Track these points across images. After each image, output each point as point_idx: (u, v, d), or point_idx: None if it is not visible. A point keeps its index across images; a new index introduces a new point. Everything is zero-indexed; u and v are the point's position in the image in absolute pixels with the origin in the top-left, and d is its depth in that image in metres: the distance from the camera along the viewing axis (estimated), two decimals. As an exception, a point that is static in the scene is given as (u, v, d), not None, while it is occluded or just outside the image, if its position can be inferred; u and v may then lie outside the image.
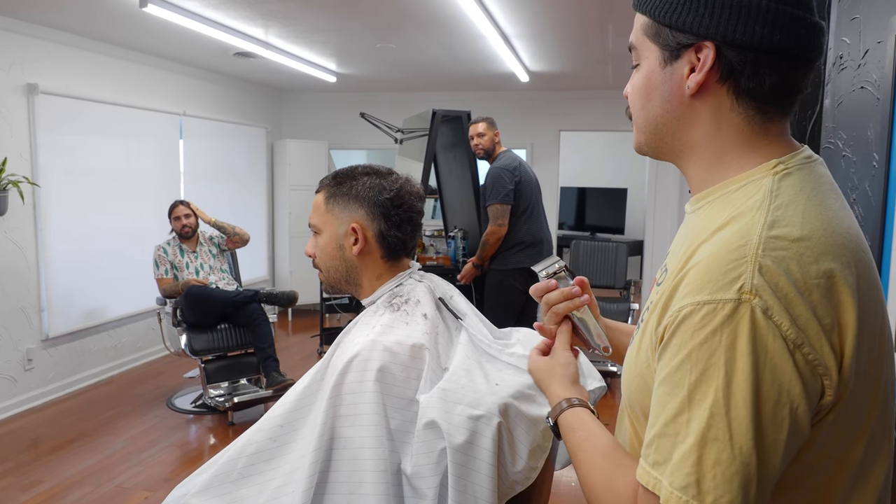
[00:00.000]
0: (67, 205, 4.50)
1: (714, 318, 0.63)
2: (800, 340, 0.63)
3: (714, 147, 0.76)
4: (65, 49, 4.48)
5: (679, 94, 0.75)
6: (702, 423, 0.63)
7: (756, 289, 0.63)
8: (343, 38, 4.64)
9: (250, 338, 4.22)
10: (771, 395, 0.62)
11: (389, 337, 1.17)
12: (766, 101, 0.73)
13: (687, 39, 0.73)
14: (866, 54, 1.49)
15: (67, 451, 3.57)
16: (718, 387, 0.63)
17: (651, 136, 0.80)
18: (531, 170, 4.08)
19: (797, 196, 0.70)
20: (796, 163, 0.73)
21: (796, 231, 0.67)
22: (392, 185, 1.30)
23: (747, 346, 0.62)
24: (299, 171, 6.87)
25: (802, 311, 0.63)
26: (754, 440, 0.62)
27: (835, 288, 0.65)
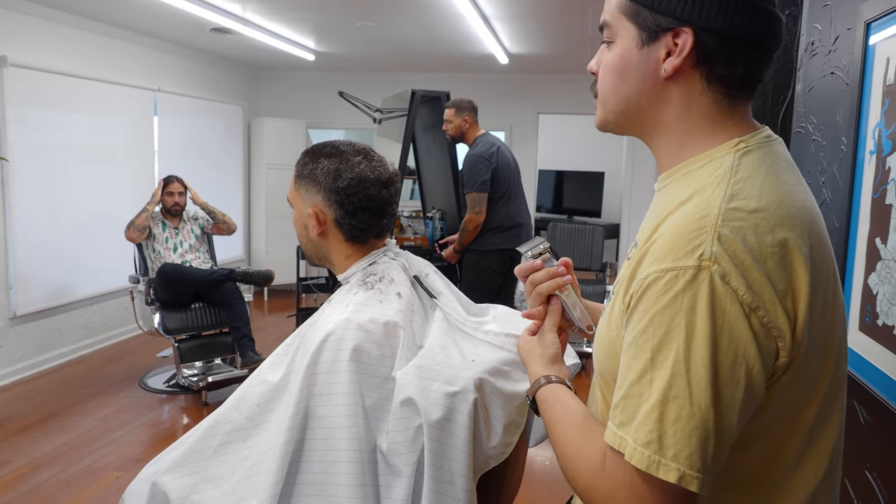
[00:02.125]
0: (37, 180, 4.40)
1: (676, 284, 0.67)
2: (755, 304, 0.66)
3: (683, 127, 0.79)
4: (36, 21, 4.36)
5: (654, 76, 0.77)
6: (663, 383, 0.66)
7: (715, 256, 0.66)
8: (322, 16, 4.58)
9: (225, 317, 4.18)
10: (728, 355, 0.66)
11: (363, 315, 1.16)
12: (735, 86, 0.77)
13: (667, 23, 0.75)
14: (836, 41, 1.52)
15: (36, 431, 3.53)
16: (679, 348, 0.66)
17: (620, 115, 0.82)
18: (510, 152, 4.08)
19: (755, 171, 0.74)
20: (756, 141, 0.77)
21: (753, 203, 0.70)
22: (348, 172, 1.25)
23: (706, 310, 0.66)
24: (276, 149, 6.79)
25: (758, 277, 0.67)
26: (712, 398, 0.65)
27: (789, 256, 0.69)
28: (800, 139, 1.75)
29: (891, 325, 1.16)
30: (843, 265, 1.38)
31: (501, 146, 4.01)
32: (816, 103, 1.64)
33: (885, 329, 1.18)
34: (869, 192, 1.28)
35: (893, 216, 1.17)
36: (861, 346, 1.29)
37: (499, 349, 1.22)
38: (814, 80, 1.66)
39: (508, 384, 1.15)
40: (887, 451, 1.20)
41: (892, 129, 1.20)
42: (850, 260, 1.35)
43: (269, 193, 6.82)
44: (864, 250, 1.29)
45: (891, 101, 1.21)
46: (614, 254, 7.46)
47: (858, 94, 1.34)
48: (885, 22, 1.25)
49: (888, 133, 1.21)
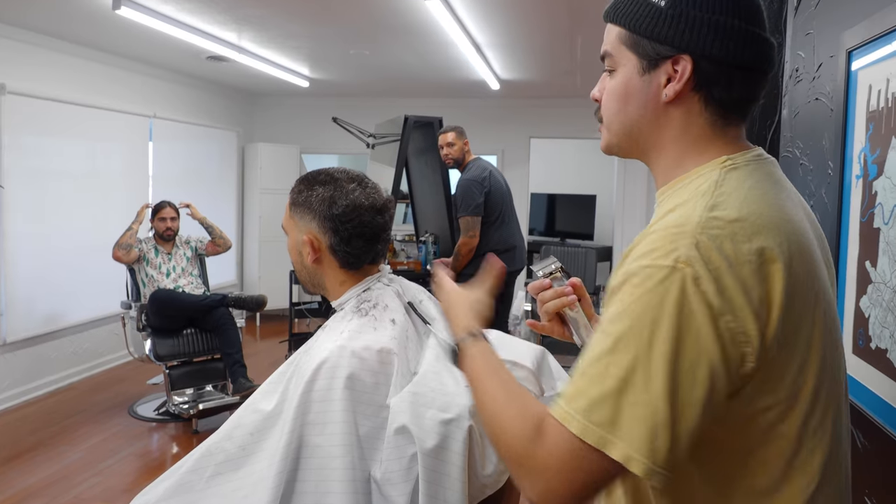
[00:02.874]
0: (31, 207, 4.39)
1: (650, 280, 0.70)
2: (723, 309, 0.69)
3: (679, 146, 0.83)
4: (34, 49, 4.39)
5: (655, 101, 0.81)
6: (623, 370, 0.69)
7: (690, 259, 0.69)
8: (316, 44, 4.63)
9: (217, 343, 4.15)
10: (690, 354, 0.68)
11: (357, 342, 1.16)
12: (731, 108, 0.81)
13: (666, 51, 0.79)
14: (820, 67, 1.54)
15: (23, 462, 3.48)
16: (643, 339, 0.69)
17: (624, 138, 0.86)
18: (502, 177, 4.10)
19: (739, 185, 0.77)
20: (744, 160, 0.80)
21: (734, 213, 0.73)
22: (343, 200, 1.25)
23: (674, 308, 0.68)
24: (270, 174, 6.81)
25: (730, 283, 0.69)
26: (668, 392, 0.68)
27: (766, 265, 0.71)
28: (787, 163, 1.77)
29: (884, 349, 1.17)
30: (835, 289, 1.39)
31: (493, 170, 4.04)
32: (803, 128, 1.66)
33: (878, 352, 1.19)
34: (857, 215, 1.30)
35: (882, 239, 1.18)
36: (855, 370, 1.29)
37: None
38: (799, 106, 1.68)
39: None
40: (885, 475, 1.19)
41: (876, 154, 1.21)
42: (841, 283, 1.36)
43: (262, 218, 6.82)
44: (855, 274, 1.30)
45: (874, 127, 1.23)
46: (607, 276, 7.46)
47: (843, 119, 1.36)
48: (866, 50, 1.27)
49: (873, 158, 1.23)
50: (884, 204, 1.18)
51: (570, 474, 0.71)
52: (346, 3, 3.60)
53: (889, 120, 1.17)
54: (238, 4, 3.64)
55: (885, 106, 1.19)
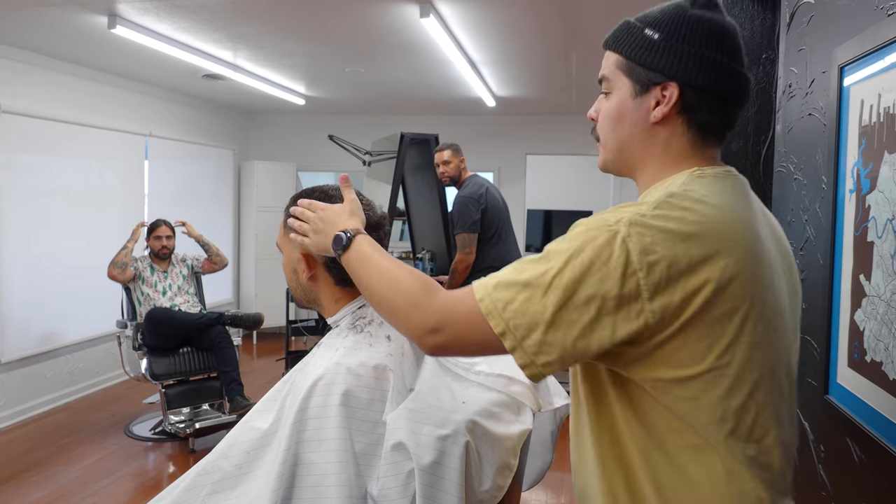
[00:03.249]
0: (25, 226, 4.39)
1: (593, 227, 0.82)
2: (638, 267, 0.78)
3: (661, 161, 0.93)
4: (30, 68, 4.41)
5: (644, 121, 0.91)
6: (537, 274, 0.82)
7: (628, 223, 0.80)
8: (312, 62, 4.66)
9: (213, 361, 4.13)
10: (589, 287, 0.79)
11: (353, 359, 1.15)
12: (710, 131, 0.92)
13: (657, 78, 0.89)
14: (813, 83, 1.56)
15: (17, 483, 3.44)
16: (562, 259, 0.81)
17: (617, 154, 0.96)
18: (499, 193, 4.12)
19: (701, 188, 0.87)
20: (712, 172, 0.90)
21: (694, 195, 0.84)
22: None
23: (597, 246, 0.79)
24: (267, 192, 6.82)
25: (661, 250, 0.79)
26: (556, 305, 0.80)
27: (701, 265, 0.79)
28: (782, 178, 1.78)
29: (879, 362, 1.17)
30: (830, 302, 1.39)
31: (490, 187, 4.05)
32: (796, 144, 1.67)
33: (873, 365, 1.19)
34: (851, 229, 1.31)
35: (875, 253, 1.19)
36: (851, 383, 1.29)
37: (489, 390, 1.21)
38: (793, 122, 1.70)
39: (500, 426, 1.14)
40: (882, 488, 1.19)
41: (869, 168, 1.22)
42: (836, 297, 1.37)
43: (258, 236, 6.82)
44: (850, 287, 1.30)
45: (867, 141, 1.24)
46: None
47: (836, 134, 1.38)
48: (858, 65, 1.29)
49: (866, 172, 1.24)
50: (877, 218, 1.19)
51: (459, 325, 0.86)
52: (341, 21, 3.63)
53: (881, 134, 1.18)
54: (234, 23, 3.67)
55: (877, 121, 1.20)
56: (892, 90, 1.15)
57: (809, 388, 1.51)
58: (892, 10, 1.17)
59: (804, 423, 1.55)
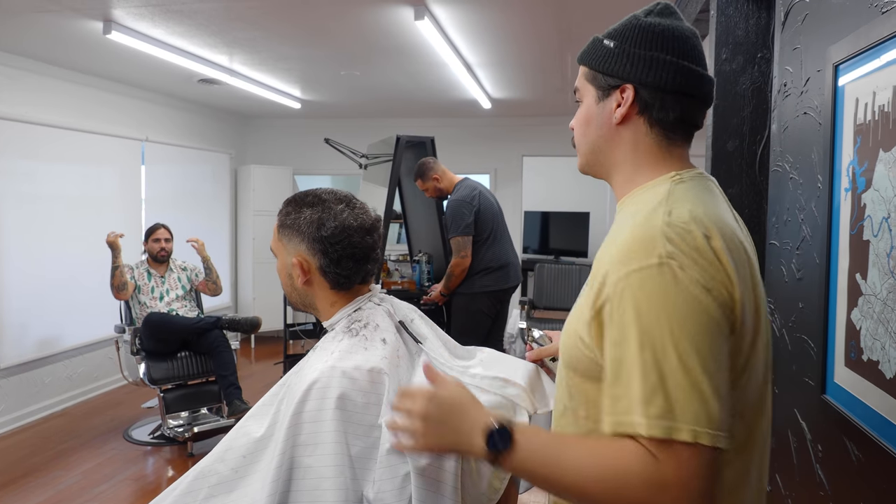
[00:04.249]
0: (23, 231, 4.38)
1: (647, 280, 0.81)
2: (710, 286, 0.81)
3: (632, 163, 1.00)
4: (26, 74, 4.40)
5: (608, 123, 0.99)
6: (657, 364, 0.78)
7: (670, 254, 0.82)
8: (307, 66, 4.66)
9: (211, 365, 4.13)
10: (706, 328, 0.79)
11: (348, 362, 1.15)
12: (672, 129, 0.98)
13: (614, 82, 0.97)
14: (808, 82, 1.56)
15: (16, 488, 3.43)
16: (664, 330, 0.78)
17: (590, 156, 1.05)
18: (491, 196, 4.12)
19: (685, 195, 0.92)
20: (689, 175, 0.97)
21: (686, 215, 0.87)
22: (331, 221, 1.25)
23: (677, 295, 0.80)
24: (263, 196, 6.82)
25: (705, 264, 0.82)
26: (701, 366, 0.77)
27: (718, 252, 0.85)
28: (777, 177, 1.78)
29: (876, 361, 1.17)
30: (826, 301, 1.39)
31: (483, 190, 4.05)
32: (792, 143, 1.68)
33: (870, 364, 1.19)
34: (847, 228, 1.31)
35: (871, 251, 1.19)
36: (848, 382, 1.29)
37: (484, 392, 1.21)
38: (788, 121, 1.70)
39: None
40: (879, 488, 1.19)
41: (864, 167, 1.23)
42: (832, 296, 1.37)
43: (256, 240, 6.81)
44: (846, 286, 1.30)
45: (862, 140, 1.24)
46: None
47: (831, 133, 1.38)
48: (853, 64, 1.29)
49: (861, 171, 1.24)
50: (872, 216, 1.19)
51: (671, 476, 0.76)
52: (336, 24, 3.63)
53: (876, 133, 1.19)
54: (229, 27, 3.67)
55: (871, 119, 1.20)
56: (886, 88, 1.15)
57: (806, 388, 1.51)
58: (886, 7, 1.17)
59: (801, 423, 1.55)
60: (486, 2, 3.23)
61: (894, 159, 1.12)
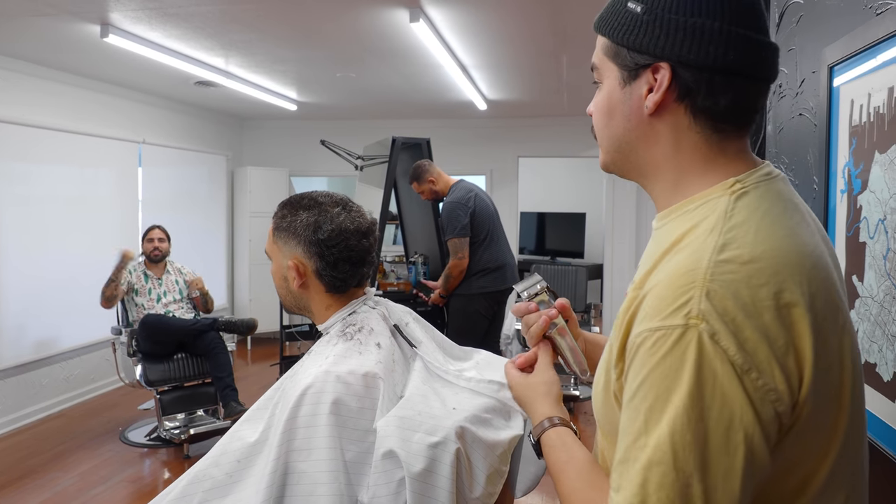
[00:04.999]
0: (20, 233, 4.37)
1: (664, 345, 0.64)
2: (747, 366, 0.62)
3: (675, 165, 0.77)
4: (23, 77, 4.40)
5: (639, 113, 0.76)
6: (650, 448, 0.63)
7: (703, 314, 0.63)
8: (303, 68, 4.66)
9: (208, 367, 4.12)
10: (722, 421, 0.62)
11: (342, 367, 1.15)
12: (723, 119, 0.74)
13: (644, 60, 0.74)
14: (803, 83, 1.57)
15: (12, 490, 3.42)
16: (668, 412, 0.63)
17: (615, 154, 0.81)
18: (487, 197, 4.12)
19: (751, 216, 0.70)
20: (754, 180, 0.74)
21: (747, 253, 0.66)
22: (328, 224, 1.25)
23: (693, 372, 0.62)
24: (260, 198, 6.82)
25: (751, 334, 0.63)
26: (699, 465, 0.61)
27: (787, 309, 0.64)
28: (773, 179, 1.79)
29: (873, 363, 1.18)
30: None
31: (478, 191, 4.05)
32: (787, 144, 1.68)
33: (867, 367, 1.20)
34: (843, 230, 1.31)
35: (868, 253, 1.20)
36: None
37: (479, 395, 1.21)
38: (783, 122, 1.71)
39: (490, 432, 1.14)
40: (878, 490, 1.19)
41: (860, 169, 1.23)
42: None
43: (252, 242, 6.80)
44: (842, 287, 1.31)
45: (857, 141, 1.25)
46: (598, 294, 7.49)
47: (826, 134, 1.38)
48: (848, 65, 1.30)
49: (857, 172, 1.24)
50: (868, 218, 1.19)
51: None
52: (332, 26, 3.63)
53: (871, 134, 1.19)
54: (225, 30, 3.67)
55: (867, 121, 1.21)
56: (881, 90, 1.16)
57: (804, 388, 1.51)
58: (881, 9, 1.18)
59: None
60: (480, 4, 3.23)
61: (890, 161, 1.12)
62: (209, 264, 6.47)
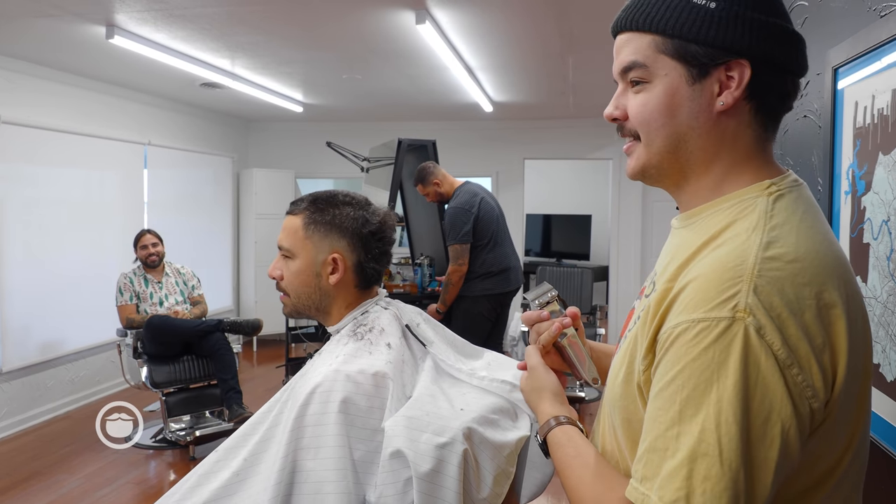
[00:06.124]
0: (26, 235, 4.39)
1: (708, 336, 0.65)
2: (790, 361, 0.64)
3: (725, 164, 0.77)
4: (29, 79, 4.42)
5: (708, 111, 0.75)
6: (692, 439, 0.63)
7: (750, 308, 0.64)
8: (309, 70, 4.67)
9: (213, 369, 4.13)
10: (762, 412, 0.63)
11: (352, 366, 1.16)
12: (776, 118, 0.77)
13: (721, 56, 0.73)
14: (807, 85, 1.56)
15: (19, 492, 3.44)
16: (710, 402, 0.63)
17: (668, 156, 0.78)
18: (493, 199, 4.10)
19: (790, 217, 0.72)
20: (787, 185, 0.75)
21: (791, 252, 0.68)
22: (374, 218, 1.32)
23: (739, 364, 0.63)
24: (265, 200, 6.83)
25: (794, 331, 0.64)
26: (743, 457, 0.62)
27: (826, 309, 0.67)
28: (778, 180, 1.78)
29: (877, 364, 1.17)
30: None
31: (484, 195, 4.03)
32: (792, 146, 1.68)
33: (870, 366, 1.19)
34: (847, 231, 1.31)
35: (871, 254, 1.19)
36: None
37: (489, 394, 1.21)
38: (788, 124, 1.70)
39: (497, 433, 1.14)
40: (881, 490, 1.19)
41: (864, 170, 1.23)
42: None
43: (258, 243, 6.82)
44: (846, 288, 1.30)
45: (861, 143, 1.24)
46: (604, 296, 7.48)
47: (831, 136, 1.38)
48: (852, 68, 1.29)
49: (861, 174, 1.24)
50: (872, 219, 1.19)
51: None
52: (338, 28, 3.64)
53: (875, 136, 1.19)
54: (231, 31, 3.68)
55: (871, 122, 1.21)
56: (885, 91, 1.15)
57: (808, 390, 1.51)
58: (885, 11, 1.17)
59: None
60: (486, 5, 3.23)
61: (894, 162, 1.12)
62: (215, 266, 6.49)
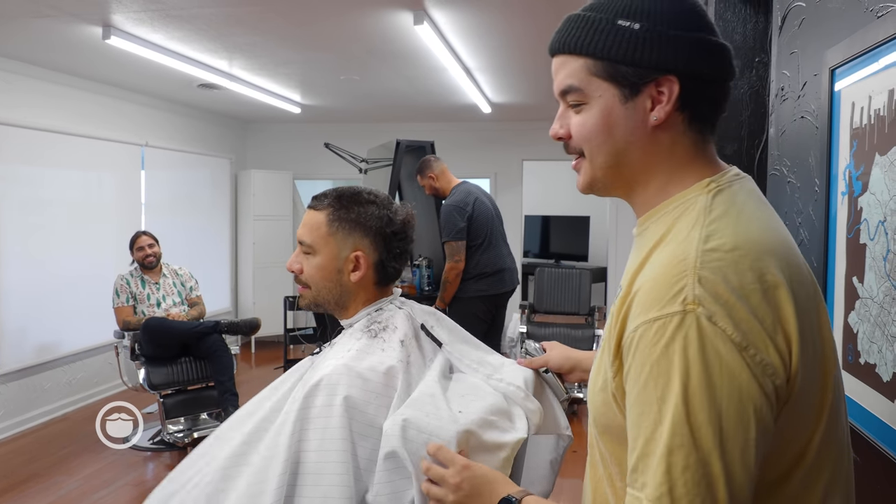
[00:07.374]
0: (23, 236, 4.38)
1: (665, 332, 0.67)
2: (745, 343, 0.66)
3: (665, 170, 0.81)
4: (25, 80, 4.41)
5: (643, 126, 0.79)
6: (667, 433, 0.65)
7: (698, 298, 0.67)
8: (307, 70, 4.67)
9: (211, 370, 4.13)
10: (732, 396, 0.65)
11: (363, 363, 1.16)
12: (711, 123, 0.82)
13: (650, 75, 0.77)
14: (805, 86, 1.57)
15: (16, 494, 3.43)
16: (677, 394, 0.65)
17: (609, 171, 0.83)
18: (489, 199, 4.11)
19: (729, 210, 0.75)
20: (727, 180, 0.80)
21: (730, 242, 0.71)
22: (398, 218, 1.33)
23: (698, 353, 0.66)
24: (263, 201, 6.83)
25: (744, 314, 0.67)
26: (717, 441, 0.64)
27: (772, 290, 0.69)
28: (775, 181, 1.78)
29: (873, 364, 1.17)
30: (824, 304, 1.39)
31: (479, 194, 4.04)
32: (789, 147, 1.68)
33: (867, 367, 1.19)
34: (843, 231, 1.31)
35: (868, 255, 1.19)
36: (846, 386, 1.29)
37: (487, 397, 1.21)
38: (785, 125, 1.70)
39: (495, 434, 1.14)
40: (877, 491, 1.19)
41: (861, 171, 1.23)
42: (829, 299, 1.37)
43: (256, 244, 6.81)
44: (843, 289, 1.30)
45: (858, 144, 1.24)
46: (602, 297, 7.48)
47: (828, 137, 1.38)
48: (849, 68, 1.29)
49: (858, 174, 1.24)
50: (869, 220, 1.19)
51: None
52: (336, 29, 3.64)
53: (872, 137, 1.19)
54: (228, 32, 3.68)
55: (867, 123, 1.21)
56: (881, 92, 1.16)
57: (805, 391, 1.50)
58: (882, 11, 1.17)
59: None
60: (485, 6, 3.23)
61: (890, 163, 1.12)
62: (212, 268, 6.49)
